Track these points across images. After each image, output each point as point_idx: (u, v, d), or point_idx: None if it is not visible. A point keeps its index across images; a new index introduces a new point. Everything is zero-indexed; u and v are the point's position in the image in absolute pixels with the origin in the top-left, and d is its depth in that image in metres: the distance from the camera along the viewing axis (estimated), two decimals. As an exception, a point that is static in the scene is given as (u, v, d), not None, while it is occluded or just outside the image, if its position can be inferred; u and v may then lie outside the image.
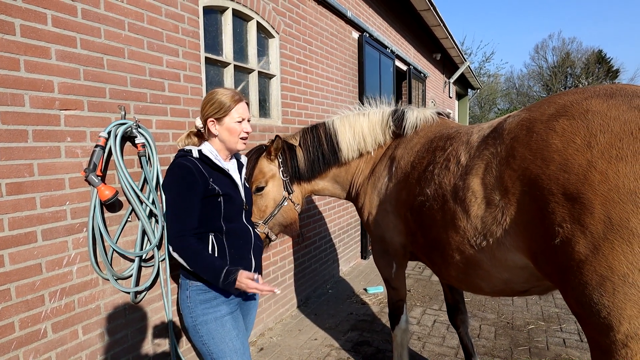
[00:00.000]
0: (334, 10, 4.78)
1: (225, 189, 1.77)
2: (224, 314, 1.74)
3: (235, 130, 1.82)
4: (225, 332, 1.72)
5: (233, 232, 1.79)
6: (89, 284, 2.13)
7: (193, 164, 1.74)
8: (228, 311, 1.76)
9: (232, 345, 1.71)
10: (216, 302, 1.75)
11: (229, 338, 1.71)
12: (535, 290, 1.81)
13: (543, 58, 41.13)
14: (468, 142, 1.88)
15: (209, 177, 1.75)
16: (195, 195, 1.71)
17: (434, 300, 4.26)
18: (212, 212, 1.75)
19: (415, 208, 2.10)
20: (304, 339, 3.50)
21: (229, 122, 1.81)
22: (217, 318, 1.72)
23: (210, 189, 1.73)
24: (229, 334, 1.72)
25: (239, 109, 1.82)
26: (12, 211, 1.81)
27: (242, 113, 1.82)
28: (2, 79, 1.77)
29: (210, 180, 1.74)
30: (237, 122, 1.82)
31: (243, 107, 1.84)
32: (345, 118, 2.68)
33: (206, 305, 1.73)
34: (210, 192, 1.73)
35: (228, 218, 1.78)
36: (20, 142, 1.84)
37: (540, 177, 1.41)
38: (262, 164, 2.54)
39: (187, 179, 1.70)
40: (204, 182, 1.72)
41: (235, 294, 1.78)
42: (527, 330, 3.54)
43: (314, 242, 4.46)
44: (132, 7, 2.33)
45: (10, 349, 1.80)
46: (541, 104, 1.60)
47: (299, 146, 2.66)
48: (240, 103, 1.82)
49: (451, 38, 9.52)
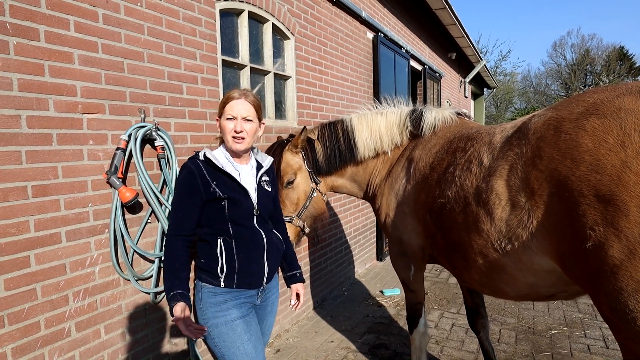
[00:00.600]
0: (349, 11, 4.77)
1: (229, 193, 1.72)
2: (234, 317, 1.72)
3: (225, 128, 1.74)
4: (235, 336, 1.70)
5: (242, 237, 1.74)
6: (111, 284, 2.16)
7: (197, 166, 1.72)
8: (239, 315, 1.73)
9: (243, 349, 1.69)
10: (226, 306, 1.72)
11: (240, 342, 1.70)
12: (562, 295, 1.76)
13: (561, 55, 40.38)
14: (490, 143, 1.84)
15: (212, 180, 1.71)
16: (195, 198, 1.69)
17: (452, 304, 4.20)
18: (217, 215, 1.72)
19: (435, 210, 2.07)
20: (320, 341, 3.48)
21: (222, 120, 1.76)
22: (227, 322, 1.70)
23: (211, 192, 1.70)
24: (239, 338, 1.70)
25: (231, 106, 1.73)
26: (37, 213, 1.84)
27: (233, 111, 1.72)
28: (28, 84, 1.80)
29: (213, 184, 1.70)
30: (227, 120, 1.73)
31: (237, 104, 1.73)
32: (362, 116, 2.66)
33: (216, 309, 1.71)
34: (212, 195, 1.70)
35: (236, 222, 1.74)
36: (45, 145, 1.87)
37: (569, 178, 1.37)
38: (287, 157, 2.54)
39: (188, 181, 1.70)
40: (205, 185, 1.69)
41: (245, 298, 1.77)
42: (550, 335, 3.45)
43: (330, 244, 4.45)
44: (151, 11, 2.36)
45: (36, 347, 1.83)
46: (569, 102, 1.56)
47: (317, 140, 2.66)
48: (234, 100, 1.73)
49: (467, 37, 9.41)
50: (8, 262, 1.74)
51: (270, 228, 1.90)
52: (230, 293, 1.73)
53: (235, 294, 1.74)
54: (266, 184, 1.90)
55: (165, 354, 2.46)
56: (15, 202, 1.77)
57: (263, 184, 1.89)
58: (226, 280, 1.71)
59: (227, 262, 1.71)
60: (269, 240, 1.83)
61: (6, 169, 1.74)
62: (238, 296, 1.74)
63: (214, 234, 1.73)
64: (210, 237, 1.74)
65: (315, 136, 2.68)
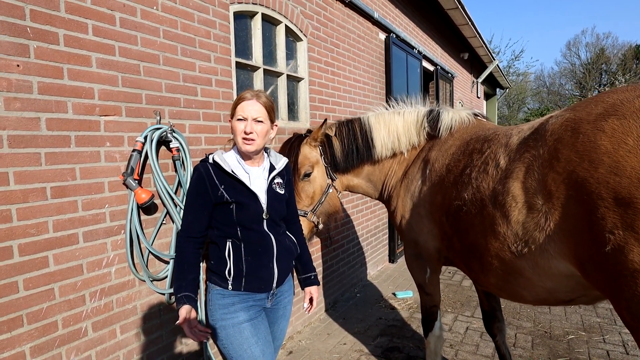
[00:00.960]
0: (361, 12, 4.76)
1: (237, 197, 1.71)
2: (242, 320, 1.71)
3: (235, 130, 1.73)
4: (243, 339, 1.69)
5: (250, 240, 1.73)
6: (127, 285, 2.18)
7: (206, 169, 1.72)
8: (247, 318, 1.72)
9: (250, 352, 1.68)
10: (234, 309, 1.71)
11: (247, 345, 1.69)
12: (582, 299, 1.73)
13: (576, 55, 39.70)
14: (507, 145, 1.82)
15: (221, 184, 1.70)
16: (204, 201, 1.70)
17: (466, 307, 4.15)
18: (225, 218, 1.72)
19: (451, 212, 2.05)
20: (333, 343, 3.47)
21: (233, 121, 1.74)
22: (234, 325, 1.70)
23: (219, 196, 1.69)
24: (247, 341, 1.69)
25: (242, 106, 1.72)
26: (56, 214, 1.88)
27: (244, 112, 1.71)
28: (47, 87, 1.84)
29: (221, 188, 1.70)
30: (237, 121, 1.72)
31: (248, 105, 1.71)
32: (380, 115, 2.65)
33: (224, 311, 1.71)
34: (220, 199, 1.70)
35: (244, 225, 1.73)
36: (63, 147, 1.90)
37: (587, 180, 1.35)
38: (305, 150, 2.55)
39: (198, 184, 1.71)
40: (214, 189, 1.70)
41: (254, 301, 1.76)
42: (567, 340, 3.39)
43: (342, 245, 4.44)
44: (167, 14, 2.39)
45: (53, 347, 1.87)
46: (587, 103, 1.53)
47: (335, 136, 2.66)
48: (245, 101, 1.72)
49: (479, 37, 9.32)
50: (28, 262, 1.78)
51: (282, 231, 1.87)
52: (239, 296, 1.72)
53: (243, 296, 1.73)
54: (278, 187, 1.86)
55: (179, 354, 2.48)
56: (34, 203, 1.80)
57: (275, 186, 1.85)
58: (234, 283, 1.71)
59: (235, 265, 1.71)
60: (279, 244, 1.80)
61: (26, 170, 1.77)
62: (246, 299, 1.73)
63: (223, 236, 1.74)
64: (220, 240, 1.74)
65: (333, 132, 2.67)
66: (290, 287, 1.96)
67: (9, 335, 1.71)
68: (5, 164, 1.70)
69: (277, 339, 1.92)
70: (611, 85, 35.02)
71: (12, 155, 1.73)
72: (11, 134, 1.72)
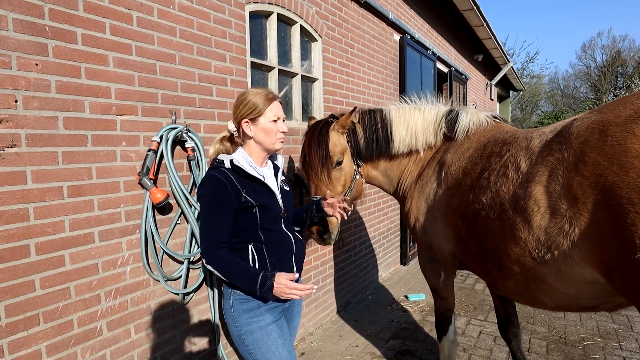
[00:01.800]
0: (376, 13, 4.73)
1: (260, 199, 1.70)
2: (268, 322, 1.70)
3: (271, 130, 1.74)
4: (271, 341, 1.68)
5: (272, 241, 1.74)
6: (141, 285, 2.18)
7: (225, 176, 1.66)
8: (272, 319, 1.71)
9: (278, 354, 1.67)
10: (260, 311, 1.70)
11: (275, 347, 1.67)
12: (604, 307, 1.68)
13: (591, 57, 39.03)
14: (528, 148, 1.77)
15: (242, 188, 1.68)
16: (227, 210, 1.65)
17: (479, 310, 4.09)
18: (248, 223, 1.70)
19: (468, 216, 2.01)
20: (345, 345, 3.44)
21: (264, 122, 1.73)
22: (261, 327, 1.68)
23: (243, 202, 1.67)
24: (274, 343, 1.68)
25: (273, 107, 1.75)
26: (72, 213, 1.88)
27: (277, 112, 1.76)
28: (65, 86, 1.84)
29: (243, 193, 1.67)
30: (272, 122, 1.74)
31: (277, 105, 1.78)
32: (401, 109, 2.62)
33: (250, 315, 1.69)
34: (244, 204, 1.67)
35: (266, 227, 1.72)
36: (80, 146, 1.91)
37: (617, 185, 1.30)
38: (334, 137, 2.52)
39: (220, 193, 1.64)
40: (236, 195, 1.66)
41: (274, 300, 1.73)
42: (583, 346, 3.32)
43: (354, 247, 4.41)
44: (183, 14, 2.38)
45: (69, 346, 1.87)
46: (615, 105, 1.48)
47: (358, 123, 2.63)
48: (274, 102, 1.76)
49: (494, 38, 9.21)
50: (44, 261, 1.78)
51: (294, 229, 1.91)
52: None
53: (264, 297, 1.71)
54: (285, 184, 1.91)
55: (192, 354, 2.48)
56: (51, 202, 1.81)
57: (282, 184, 1.89)
58: None
59: (260, 268, 1.68)
60: (297, 242, 1.84)
61: (44, 169, 1.78)
62: (270, 301, 1.73)
63: (245, 241, 1.72)
64: (241, 245, 1.72)
65: (357, 119, 2.65)
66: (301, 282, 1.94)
67: (25, 334, 1.72)
68: (23, 162, 1.71)
69: (292, 335, 1.93)
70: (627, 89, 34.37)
71: (30, 154, 1.73)
72: (29, 132, 1.73)
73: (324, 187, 2.44)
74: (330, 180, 2.46)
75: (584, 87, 39.78)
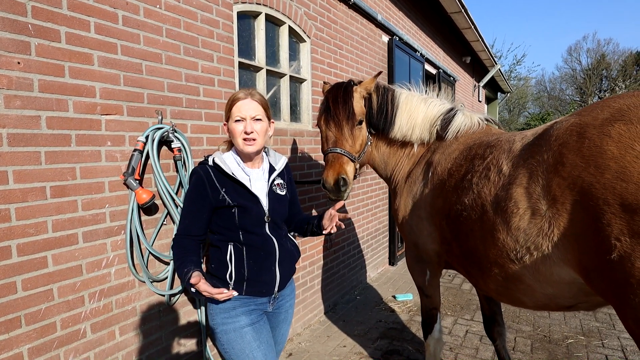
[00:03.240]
0: (365, 14, 4.75)
1: (239, 200, 1.67)
2: (243, 325, 1.68)
3: (234, 131, 1.69)
4: (245, 343, 1.66)
5: (253, 244, 1.70)
6: (126, 286, 2.17)
7: (206, 172, 1.68)
8: (248, 322, 1.69)
9: (252, 356, 1.66)
10: (235, 313, 1.68)
11: (249, 349, 1.66)
12: (583, 306, 1.71)
13: (577, 60, 39.70)
14: (510, 150, 1.80)
15: (222, 187, 1.67)
16: (203, 204, 1.66)
17: (465, 310, 4.13)
18: (227, 222, 1.69)
19: (451, 217, 2.04)
20: (333, 345, 3.46)
21: (230, 123, 1.70)
22: (236, 329, 1.67)
23: (221, 200, 1.66)
24: (249, 346, 1.66)
25: (238, 107, 1.68)
26: (55, 213, 1.86)
27: (241, 112, 1.67)
28: (48, 85, 1.82)
29: (222, 191, 1.66)
30: (235, 122, 1.68)
31: (244, 104, 1.68)
32: (410, 97, 2.63)
33: (225, 315, 1.68)
34: (221, 202, 1.66)
35: (246, 229, 1.70)
36: (64, 146, 1.89)
37: (593, 185, 1.34)
38: (357, 100, 2.56)
39: (198, 188, 1.67)
40: (214, 192, 1.66)
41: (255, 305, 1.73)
42: (566, 344, 3.38)
43: (343, 248, 4.42)
44: (170, 13, 2.37)
45: (52, 348, 1.85)
46: (593, 108, 1.52)
47: (374, 91, 2.65)
48: (240, 101, 1.68)
49: (482, 41, 9.32)
50: (26, 263, 1.76)
51: (284, 234, 1.84)
52: (240, 300, 1.70)
53: (244, 300, 1.70)
54: (279, 188, 1.83)
55: (179, 356, 2.46)
56: (34, 202, 1.79)
57: (275, 188, 1.82)
58: (235, 286, 1.68)
59: (237, 269, 1.68)
60: (282, 247, 1.78)
61: (26, 169, 1.76)
62: (248, 303, 1.71)
63: (225, 240, 1.71)
64: (221, 243, 1.71)
65: (373, 88, 2.67)
66: (292, 290, 1.93)
67: (7, 337, 1.69)
68: (4, 162, 1.69)
69: (279, 343, 1.90)
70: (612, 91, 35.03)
71: (11, 154, 1.71)
72: (11, 132, 1.71)
73: (344, 141, 2.50)
74: (352, 136, 2.52)
75: (570, 90, 40.46)
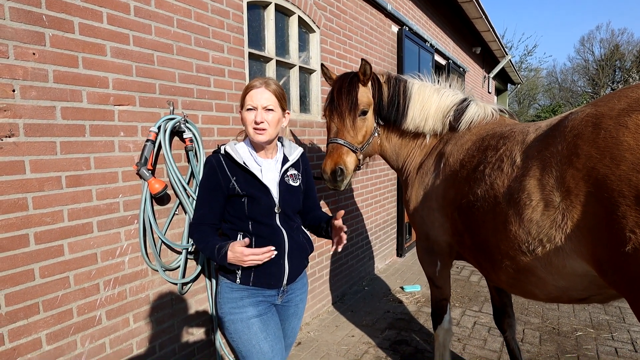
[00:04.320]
0: (374, 4, 4.71)
1: (248, 190, 1.67)
2: (250, 316, 1.68)
3: (246, 120, 1.69)
4: (251, 334, 1.66)
5: (261, 234, 1.70)
6: (139, 274, 2.20)
7: (218, 161, 1.70)
8: (255, 314, 1.69)
9: (258, 347, 1.66)
10: (242, 303, 1.69)
11: (255, 341, 1.66)
12: (596, 298, 1.71)
13: (589, 51, 38.98)
14: (524, 142, 1.79)
15: (232, 175, 1.68)
16: (217, 192, 1.68)
17: (474, 302, 4.14)
18: (237, 211, 1.70)
19: (463, 208, 2.04)
20: (341, 335, 3.49)
21: (243, 112, 1.71)
22: (242, 320, 1.67)
23: (231, 188, 1.67)
24: (255, 337, 1.66)
25: (251, 95, 1.67)
26: (71, 203, 1.89)
27: (253, 101, 1.67)
28: (62, 75, 1.84)
29: (233, 180, 1.67)
30: (247, 111, 1.68)
31: (257, 93, 1.67)
32: (422, 88, 2.59)
33: (233, 305, 1.69)
34: (232, 191, 1.68)
35: (255, 219, 1.69)
36: (78, 136, 1.91)
37: (609, 177, 1.32)
38: (361, 90, 2.56)
39: (211, 177, 1.69)
40: (225, 181, 1.68)
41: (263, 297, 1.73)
42: (575, 337, 3.37)
43: (351, 239, 4.44)
44: (181, 3, 2.37)
45: (68, 334, 1.89)
46: (609, 98, 1.50)
47: (384, 83, 2.63)
48: (254, 90, 1.67)
49: (493, 31, 9.17)
50: (43, 251, 1.80)
51: (296, 226, 1.82)
52: (247, 290, 1.70)
53: (252, 291, 1.70)
54: (292, 179, 1.81)
55: (190, 343, 2.51)
56: (50, 191, 1.82)
57: (287, 179, 1.79)
58: (242, 277, 1.68)
59: None
60: (292, 239, 1.75)
61: (42, 159, 1.79)
62: (255, 294, 1.71)
63: (235, 229, 1.72)
64: (231, 232, 1.73)
65: (384, 79, 2.66)
66: (304, 284, 1.90)
67: (26, 322, 1.74)
68: (21, 152, 1.71)
69: (289, 337, 1.88)
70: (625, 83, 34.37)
71: (28, 144, 1.74)
72: (27, 122, 1.73)
73: (345, 132, 2.51)
74: (354, 127, 2.52)
75: (581, 81, 39.80)
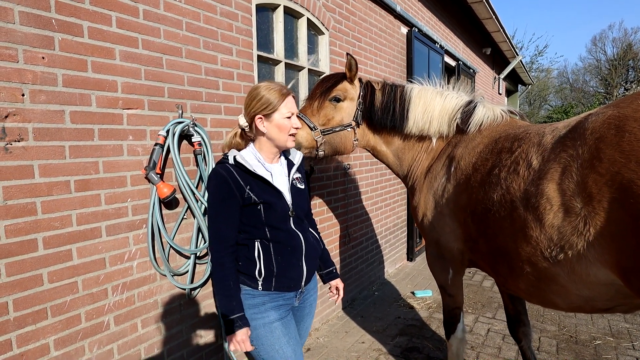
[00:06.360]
0: (383, 5, 4.67)
1: (264, 197, 1.66)
2: (272, 320, 1.68)
3: (285, 127, 1.70)
4: (274, 338, 1.66)
5: (279, 240, 1.70)
6: (148, 279, 2.18)
7: (228, 172, 1.64)
8: (277, 317, 1.69)
9: (282, 352, 1.65)
10: (264, 308, 1.68)
11: (278, 345, 1.66)
12: (620, 308, 1.64)
13: (601, 50, 38.36)
14: (540, 144, 1.73)
15: (246, 185, 1.65)
16: (231, 206, 1.63)
17: (487, 308, 4.06)
18: (254, 220, 1.68)
19: (477, 214, 1.97)
20: (351, 341, 3.43)
21: (278, 118, 1.69)
22: (265, 324, 1.66)
23: (247, 198, 1.64)
24: (278, 341, 1.66)
25: (287, 103, 1.70)
26: (79, 207, 1.87)
27: (290, 107, 1.71)
28: (71, 79, 1.83)
29: (247, 189, 1.64)
30: (286, 118, 1.70)
31: (291, 101, 1.73)
32: (423, 91, 2.54)
33: (254, 311, 1.67)
34: (247, 200, 1.65)
35: (272, 225, 1.69)
36: (87, 140, 1.90)
37: (634, 182, 1.26)
38: (345, 84, 2.56)
39: (223, 189, 1.62)
40: (240, 191, 1.64)
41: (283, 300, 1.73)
42: (594, 345, 3.28)
43: (361, 243, 4.38)
44: (190, 6, 2.35)
45: (77, 340, 1.87)
46: (632, 99, 1.43)
47: (379, 90, 2.60)
48: (288, 97, 1.71)
49: (503, 31, 9.07)
50: (52, 255, 1.78)
51: (307, 227, 1.84)
52: (269, 295, 1.69)
53: (273, 296, 1.70)
54: (299, 182, 1.85)
55: (198, 349, 2.48)
56: (58, 196, 1.80)
57: (295, 182, 1.83)
58: (264, 283, 1.67)
59: (265, 266, 1.67)
60: (307, 241, 1.78)
61: (51, 163, 1.77)
62: (276, 298, 1.71)
63: (252, 238, 1.69)
64: (248, 241, 1.70)
65: (379, 87, 2.62)
66: (315, 284, 1.93)
67: (34, 328, 1.72)
68: (30, 156, 1.70)
69: (302, 336, 1.91)
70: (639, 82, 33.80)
71: (37, 148, 1.72)
72: (36, 126, 1.72)
73: (310, 110, 2.51)
74: (320, 107, 2.51)
75: (593, 81, 39.19)
